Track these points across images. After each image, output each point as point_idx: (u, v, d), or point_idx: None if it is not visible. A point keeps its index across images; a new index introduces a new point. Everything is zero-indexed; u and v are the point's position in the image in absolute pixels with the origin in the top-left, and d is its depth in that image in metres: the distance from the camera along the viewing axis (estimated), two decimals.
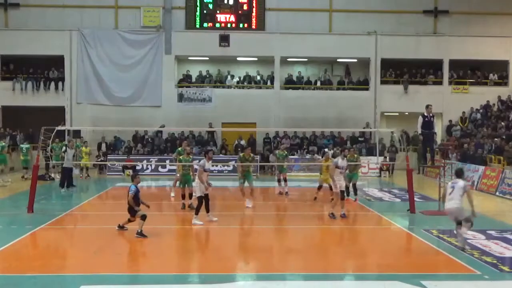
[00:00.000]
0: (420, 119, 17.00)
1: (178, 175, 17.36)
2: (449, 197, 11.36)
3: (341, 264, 10.82)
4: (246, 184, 16.94)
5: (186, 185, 16.33)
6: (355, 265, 10.59)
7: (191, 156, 16.82)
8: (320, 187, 18.16)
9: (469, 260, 10.43)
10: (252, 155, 18.12)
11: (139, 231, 12.35)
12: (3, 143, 25.27)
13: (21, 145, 26.15)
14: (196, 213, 13.88)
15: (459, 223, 11.27)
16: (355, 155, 18.16)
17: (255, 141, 30.12)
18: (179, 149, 18.22)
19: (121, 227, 12.97)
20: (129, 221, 12.81)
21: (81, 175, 25.28)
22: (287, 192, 19.42)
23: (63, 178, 20.23)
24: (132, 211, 12.68)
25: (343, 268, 10.54)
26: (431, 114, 17.26)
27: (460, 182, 11.41)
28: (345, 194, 15.27)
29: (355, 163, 17.86)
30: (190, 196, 16.06)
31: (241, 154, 18.29)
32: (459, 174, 11.79)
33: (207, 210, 14.05)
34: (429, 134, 17.48)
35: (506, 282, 9.35)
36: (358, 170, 19.28)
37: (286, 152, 19.91)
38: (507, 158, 22.12)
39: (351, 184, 17.82)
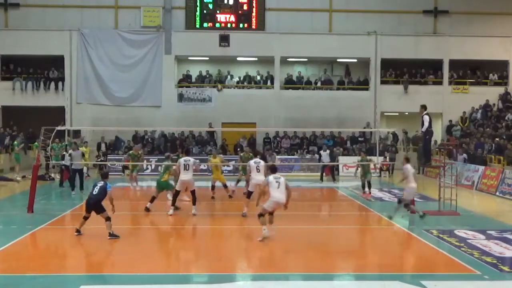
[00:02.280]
0: (427, 117, 16.78)
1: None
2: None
3: (341, 264, 10.82)
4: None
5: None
6: (355, 265, 10.59)
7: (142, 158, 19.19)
8: (213, 187, 18.56)
9: (469, 260, 10.44)
10: (251, 154, 18.10)
11: (110, 232, 12.19)
12: (16, 142, 25.41)
13: (14, 142, 26.18)
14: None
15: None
16: (366, 156, 20.62)
17: (255, 141, 30.13)
18: (130, 152, 21.99)
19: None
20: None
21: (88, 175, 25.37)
22: (233, 191, 18.81)
23: (73, 180, 19.99)
24: (102, 209, 12.36)
25: (343, 268, 10.54)
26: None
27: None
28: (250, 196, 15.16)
29: (367, 163, 19.91)
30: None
31: (241, 154, 18.35)
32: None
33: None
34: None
35: (506, 282, 9.35)
36: (370, 169, 20.77)
37: (251, 155, 19.31)
38: (507, 157, 22.12)
39: (366, 181, 19.72)
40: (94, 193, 12.34)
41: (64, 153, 21.25)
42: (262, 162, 15.56)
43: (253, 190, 14.98)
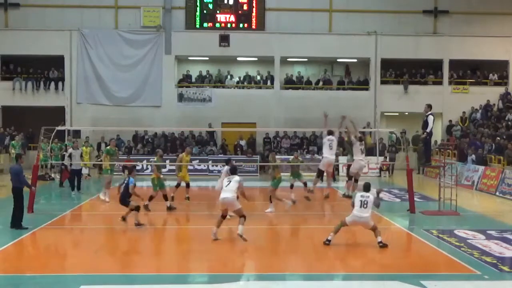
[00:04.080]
0: (432, 118, 16.68)
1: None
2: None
3: (341, 264, 10.83)
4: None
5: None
6: (355, 265, 10.59)
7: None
8: (178, 185, 17.49)
9: (469, 260, 10.44)
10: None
11: (136, 222, 12.99)
12: (14, 142, 25.38)
13: (13, 142, 26.14)
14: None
15: None
16: (299, 158, 18.22)
17: (255, 141, 30.14)
18: (108, 148, 18.82)
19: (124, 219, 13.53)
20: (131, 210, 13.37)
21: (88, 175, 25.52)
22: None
23: (73, 180, 19.96)
24: (126, 202, 13.30)
25: (343, 268, 10.55)
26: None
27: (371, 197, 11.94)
28: None
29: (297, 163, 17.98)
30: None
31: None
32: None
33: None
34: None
35: (506, 282, 9.36)
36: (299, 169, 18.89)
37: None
38: (507, 157, 22.11)
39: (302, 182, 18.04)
40: (121, 190, 13.57)
41: (64, 153, 21.27)
42: (335, 139, 15.52)
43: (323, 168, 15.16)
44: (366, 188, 12.13)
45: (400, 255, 11.67)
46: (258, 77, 32.47)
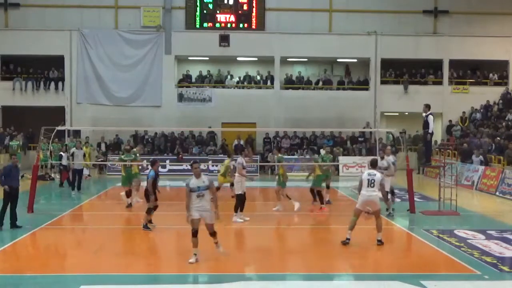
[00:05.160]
0: (432, 117, 16.67)
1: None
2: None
3: (341, 264, 10.83)
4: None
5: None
6: (355, 265, 10.59)
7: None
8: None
9: (469, 260, 10.44)
10: (331, 155, 18.19)
11: (144, 224, 12.89)
12: (13, 142, 25.37)
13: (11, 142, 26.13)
14: (236, 211, 14.28)
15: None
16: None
17: (253, 141, 30.12)
18: (135, 150, 18.41)
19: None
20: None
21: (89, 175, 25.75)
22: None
23: (74, 180, 19.99)
24: (148, 197, 13.17)
25: (343, 268, 10.55)
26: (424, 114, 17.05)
27: (378, 175, 11.81)
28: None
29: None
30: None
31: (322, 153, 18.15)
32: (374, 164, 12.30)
33: (242, 209, 14.44)
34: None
35: (506, 282, 9.36)
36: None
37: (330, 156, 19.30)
38: (507, 157, 22.10)
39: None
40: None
41: (61, 153, 21.24)
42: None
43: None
44: (373, 164, 12.04)
45: (400, 255, 11.67)
46: (258, 77, 32.47)
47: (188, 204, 10.31)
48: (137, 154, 18.09)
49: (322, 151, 25.54)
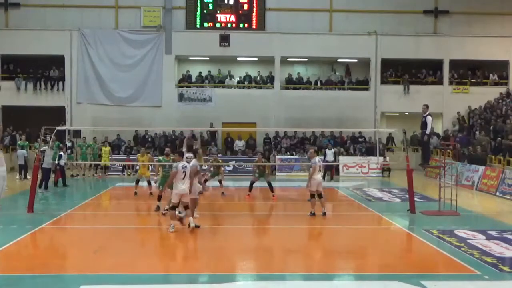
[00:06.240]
0: (431, 118, 16.65)
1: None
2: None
3: (341, 264, 10.82)
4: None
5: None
6: (355, 265, 10.58)
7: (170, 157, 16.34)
8: (137, 181, 19.27)
9: (469, 260, 10.43)
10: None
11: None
12: (20, 142, 25.30)
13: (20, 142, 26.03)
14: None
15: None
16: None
17: (255, 142, 30.13)
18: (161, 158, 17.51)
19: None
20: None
21: (100, 174, 26.29)
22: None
23: (42, 179, 19.54)
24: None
25: (343, 268, 10.54)
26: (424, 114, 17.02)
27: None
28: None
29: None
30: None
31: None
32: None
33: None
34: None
35: (506, 282, 9.35)
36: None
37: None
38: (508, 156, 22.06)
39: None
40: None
41: (61, 153, 21.22)
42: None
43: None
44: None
45: (400, 255, 11.66)
46: (259, 77, 32.48)
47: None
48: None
49: (328, 151, 25.61)
